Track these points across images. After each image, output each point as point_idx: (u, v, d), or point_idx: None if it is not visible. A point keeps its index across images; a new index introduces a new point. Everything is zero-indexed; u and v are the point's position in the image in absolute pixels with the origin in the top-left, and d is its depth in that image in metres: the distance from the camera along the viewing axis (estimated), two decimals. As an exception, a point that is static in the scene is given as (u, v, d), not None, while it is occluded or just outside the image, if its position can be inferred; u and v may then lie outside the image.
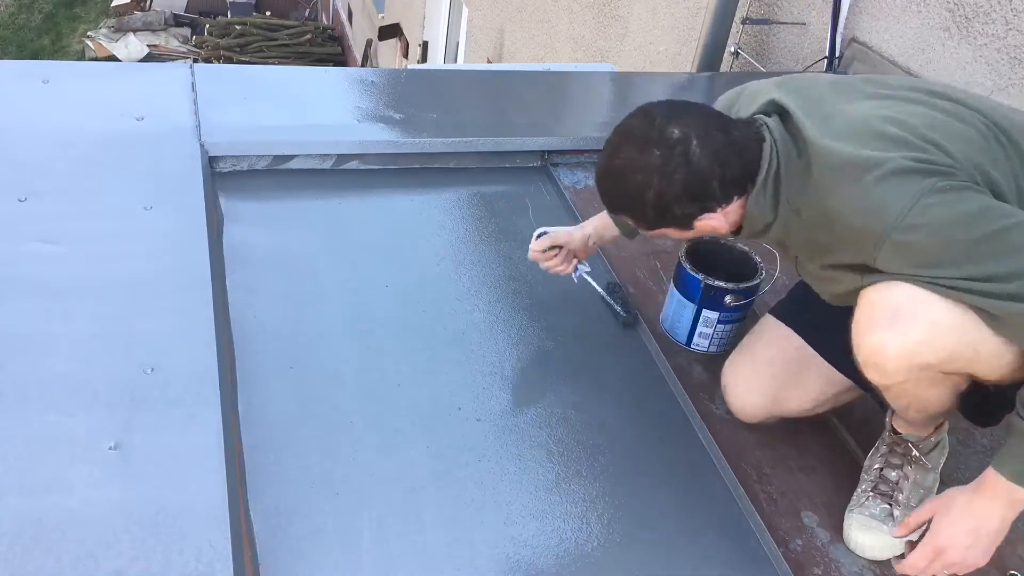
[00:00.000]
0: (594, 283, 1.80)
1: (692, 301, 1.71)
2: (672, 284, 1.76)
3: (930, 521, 1.26)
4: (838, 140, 1.22)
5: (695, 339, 1.75)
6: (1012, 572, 1.39)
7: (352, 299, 1.76)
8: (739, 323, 1.74)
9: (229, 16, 12.68)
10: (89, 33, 12.41)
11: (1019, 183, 1.22)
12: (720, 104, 1.44)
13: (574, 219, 2.10)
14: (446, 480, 1.44)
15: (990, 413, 1.40)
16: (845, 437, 1.63)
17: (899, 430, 1.45)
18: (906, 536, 1.29)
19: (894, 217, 1.15)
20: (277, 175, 2.07)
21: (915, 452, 1.43)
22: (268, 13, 12.73)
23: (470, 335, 1.73)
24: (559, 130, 2.31)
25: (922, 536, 1.26)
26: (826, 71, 2.84)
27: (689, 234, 1.34)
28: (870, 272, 1.22)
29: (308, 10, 13.63)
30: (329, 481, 1.39)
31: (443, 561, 1.32)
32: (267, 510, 1.33)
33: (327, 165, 2.12)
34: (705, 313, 1.71)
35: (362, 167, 2.15)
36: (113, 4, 13.03)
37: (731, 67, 3.29)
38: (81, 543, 1.13)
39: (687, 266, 1.70)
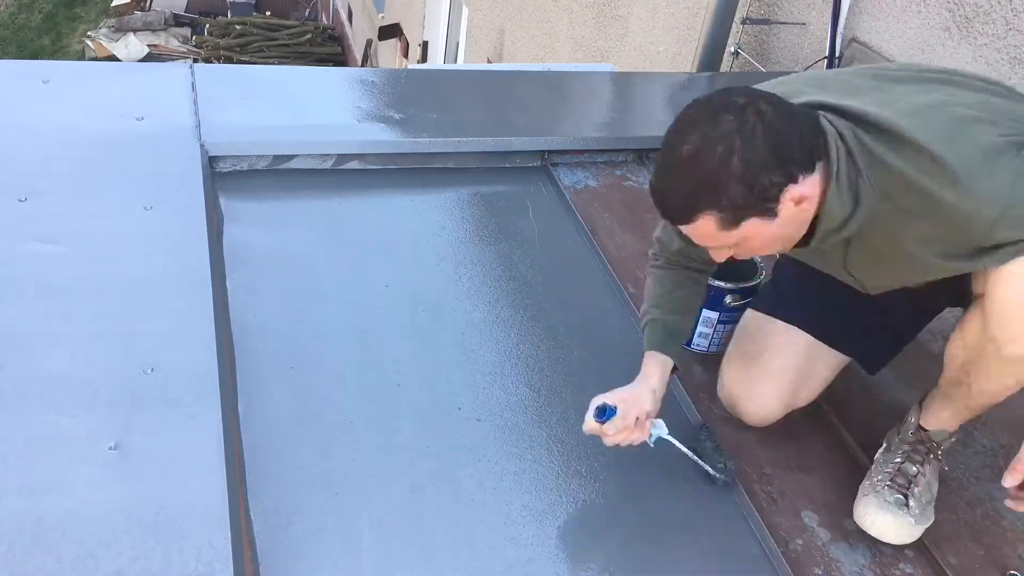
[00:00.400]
0: (676, 442, 1.46)
1: (692, 301, 1.71)
2: (672, 284, 1.76)
3: None
4: (916, 126, 1.18)
5: (695, 339, 1.75)
6: (1012, 572, 1.40)
7: (352, 299, 1.76)
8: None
9: (229, 16, 12.67)
10: (89, 33, 12.41)
11: None
12: None
13: (574, 219, 2.11)
14: (446, 480, 1.44)
15: None
16: (845, 437, 1.63)
17: (927, 427, 1.46)
18: (1018, 483, 1.27)
19: (1005, 194, 1.14)
20: (277, 175, 2.07)
21: (939, 451, 1.45)
22: (268, 13, 12.73)
23: (470, 335, 1.73)
24: (559, 130, 2.31)
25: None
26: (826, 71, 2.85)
27: (773, 226, 1.20)
28: (988, 252, 1.19)
29: (308, 10, 13.63)
30: (329, 481, 1.39)
31: (443, 561, 1.32)
32: (267, 510, 1.33)
33: (327, 165, 2.12)
34: (705, 313, 1.71)
35: (362, 167, 2.15)
36: (113, 4, 13.03)
37: (731, 67, 3.29)
38: (81, 543, 1.13)
39: (687, 266, 1.70)
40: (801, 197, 1.18)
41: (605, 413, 1.38)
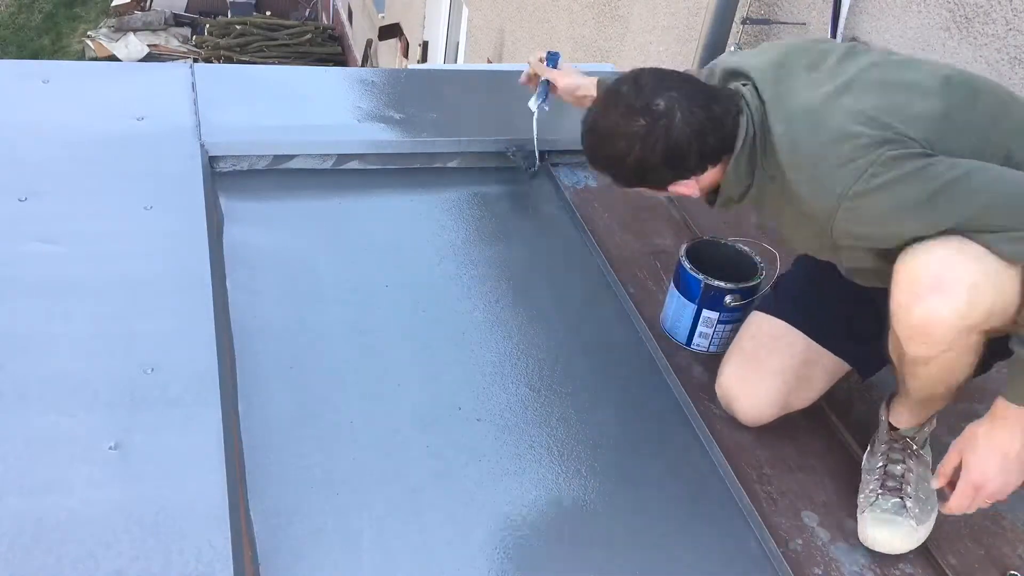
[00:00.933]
0: (535, 113, 2.02)
1: (692, 301, 1.71)
2: (672, 284, 1.76)
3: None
4: (797, 120, 1.30)
5: (695, 339, 1.75)
6: (1012, 572, 1.40)
7: (352, 299, 1.76)
8: (739, 323, 1.74)
9: (229, 16, 12.67)
10: (89, 33, 12.41)
11: (991, 140, 1.27)
12: (701, 75, 1.50)
13: (574, 219, 2.11)
14: (446, 480, 1.44)
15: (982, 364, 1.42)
16: (845, 437, 1.63)
17: (896, 425, 1.46)
18: (945, 484, 1.32)
19: (843, 189, 1.23)
20: (277, 175, 2.07)
21: (914, 446, 1.45)
22: (268, 13, 12.72)
23: (470, 335, 1.73)
24: (559, 130, 2.30)
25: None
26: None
27: (661, 194, 1.43)
28: (838, 250, 1.33)
29: (308, 10, 13.63)
30: (329, 481, 1.39)
31: (443, 561, 1.32)
32: (267, 510, 1.33)
33: (327, 165, 2.12)
34: (705, 313, 1.71)
35: (362, 167, 2.15)
36: (113, 4, 13.03)
37: (731, 67, 3.28)
38: (81, 543, 1.14)
39: (687, 266, 1.70)
40: (684, 192, 1.39)
41: (553, 57, 1.91)
